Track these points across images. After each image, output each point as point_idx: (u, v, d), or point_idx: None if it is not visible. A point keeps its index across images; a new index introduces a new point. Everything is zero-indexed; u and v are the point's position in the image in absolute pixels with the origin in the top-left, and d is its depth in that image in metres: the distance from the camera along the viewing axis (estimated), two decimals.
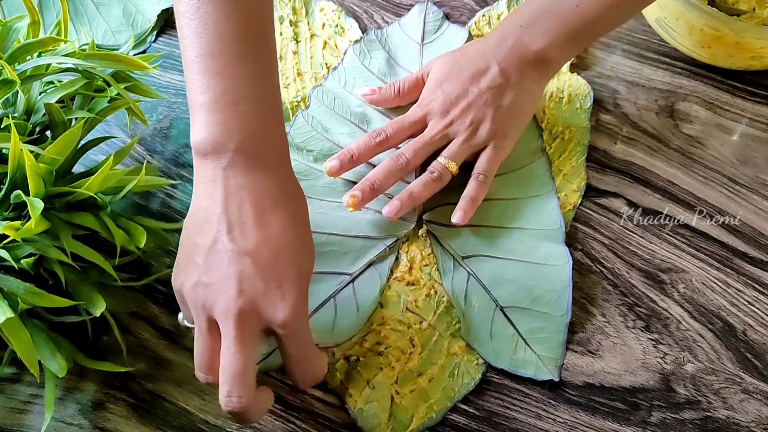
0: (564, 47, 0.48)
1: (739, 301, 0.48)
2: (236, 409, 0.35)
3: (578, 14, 0.46)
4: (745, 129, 0.54)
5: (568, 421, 0.45)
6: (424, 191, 0.48)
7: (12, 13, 0.60)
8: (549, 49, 0.47)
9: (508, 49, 0.48)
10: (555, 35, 0.47)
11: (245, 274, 0.35)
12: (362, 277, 0.49)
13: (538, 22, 0.48)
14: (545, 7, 0.48)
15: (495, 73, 0.48)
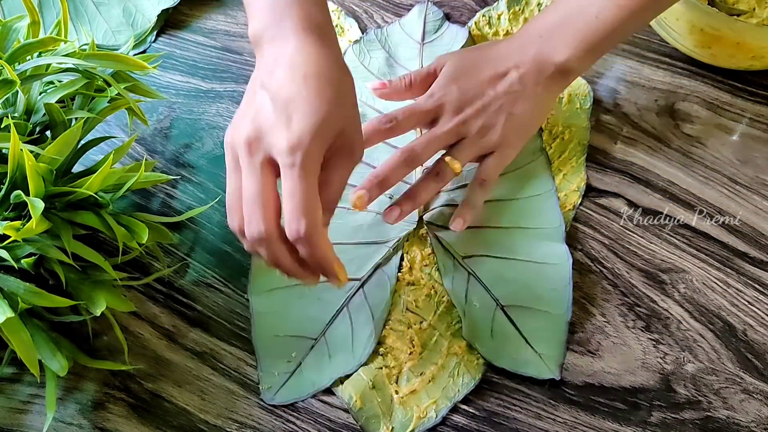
0: (584, 58, 0.47)
1: (739, 301, 0.48)
2: (255, 235, 0.37)
3: (598, 25, 0.46)
4: (745, 129, 0.54)
5: (568, 421, 0.45)
6: (424, 194, 0.48)
7: (12, 13, 0.60)
8: (569, 61, 0.47)
9: (530, 58, 0.47)
10: (575, 47, 0.47)
11: (262, 109, 0.37)
12: (371, 281, 0.49)
13: (558, 34, 0.47)
14: (565, 18, 0.47)
15: (514, 80, 0.47)
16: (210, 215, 0.52)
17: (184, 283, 0.50)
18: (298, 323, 0.47)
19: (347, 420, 0.45)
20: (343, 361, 0.46)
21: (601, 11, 0.46)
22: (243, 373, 0.47)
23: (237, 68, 0.58)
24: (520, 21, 0.58)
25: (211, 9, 0.62)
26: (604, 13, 0.46)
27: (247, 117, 0.38)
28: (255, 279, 0.49)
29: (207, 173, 0.54)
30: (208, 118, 0.56)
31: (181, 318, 0.49)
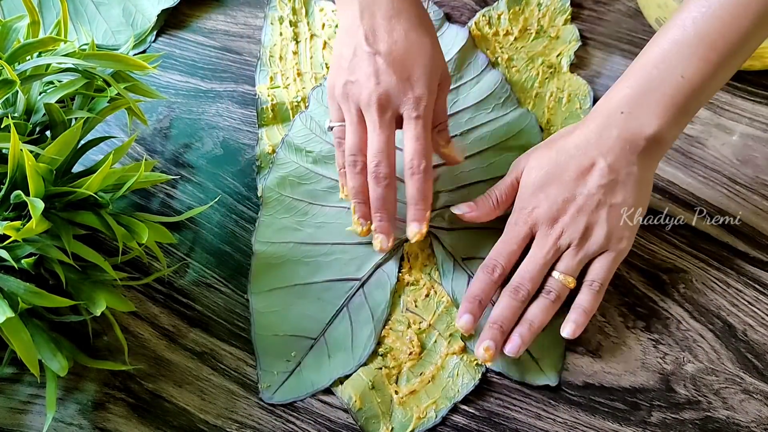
0: (675, 124, 0.43)
1: (739, 301, 0.48)
2: (382, 174, 0.44)
3: (685, 85, 0.41)
4: (745, 129, 0.54)
5: (568, 421, 0.45)
6: (544, 317, 0.45)
7: (12, 13, 0.60)
8: (661, 130, 0.42)
9: (614, 140, 0.43)
10: (665, 114, 0.42)
11: (381, 70, 0.44)
12: (371, 281, 0.49)
13: (642, 105, 0.42)
14: (645, 86, 0.42)
15: (603, 170, 0.43)
16: (210, 215, 0.52)
17: (184, 283, 0.50)
18: (297, 323, 0.47)
19: (347, 420, 0.45)
20: (343, 361, 0.46)
21: (686, 70, 0.41)
22: (243, 373, 0.47)
23: (237, 68, 0.58)
24: (519, 21, 0.58)
25: (211, 9, 0.62)
26: (690, 72, 0.41)
27: (367, 79, 0.44)
28: (255, 278, 0.49)
29: (207, 173, 0.54)
30: (208, 118, 0.56)
31: (181, 318, 0.49)
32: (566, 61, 0.57)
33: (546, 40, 0.58)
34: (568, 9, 0.59)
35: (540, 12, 0.59)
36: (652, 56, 0.42)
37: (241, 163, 0.54)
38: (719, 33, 0.40)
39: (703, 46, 0.40)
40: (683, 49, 0.41)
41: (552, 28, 0.58)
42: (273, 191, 0.51)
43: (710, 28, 0.40)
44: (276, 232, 0.50)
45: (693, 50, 0.41)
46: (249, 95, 0.57)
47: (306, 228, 0.50)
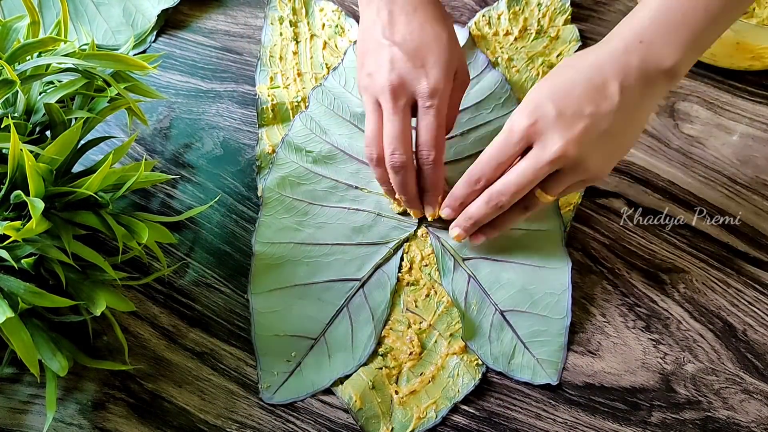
0: (692, 58, 0.41)
1: (739, 301, 0.48)
2: (398, 163, 0.44)
3: (707, 18, 0.40)
4: (745, 129, 0.54)
5: (568, 421, 0.45)
6: (509, 224, 0.46)
7: (12, 13, 0.60)
8: (677, 64, 0.40)
9: (630, 68, 0.41)
10: (684, 48, 0.40)
11: (396, 58, 0.44)
12: (371, 282, 0.49)
13: (662, 36, 0.40)
14: (666, 16, 0.40)
15: (615, 94, 0.41)
16: (210, 215, 0.52)
17: (184, 283, 0.50)
18: (297, 323, 0.47)
19: (347, 420, 0.45)
20: (343, 361, 0.46)
21: (710, 3, 0.39)
22: (243, 373, 0.47)
23: (237, 68, 0.58)
24: (519, 21, 0.58)
25: (211, 9, 0.62)
26: (713, 5, 0.39)
27: (383, 67, 0.44)
28: (255, 279, 0.49)
29: (207, 173, 0.54)
30: (208, 118, 0.56)
31: (181, 318, 0.49)
32: None
33: (546, 40, 0.58)
34: (568, 9, 0.59)
35: (540, 12, 0.59)
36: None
37: (241, 163, 0.54)
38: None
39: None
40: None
41: (552, 28, 0.58)
42: (273, 191, 0.51)
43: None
44: (276, 233, 0.50)
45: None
46: (249, 95, 0.57)
47: (306, 228, 0.50)
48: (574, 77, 0.41)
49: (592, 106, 0.41)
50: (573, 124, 0.40)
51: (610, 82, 0.41)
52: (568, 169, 0.42)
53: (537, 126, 0.41)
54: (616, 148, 0.43)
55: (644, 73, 0.41)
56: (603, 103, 0.41)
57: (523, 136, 0.41)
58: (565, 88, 0.41)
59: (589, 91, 0.41)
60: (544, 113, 0.41)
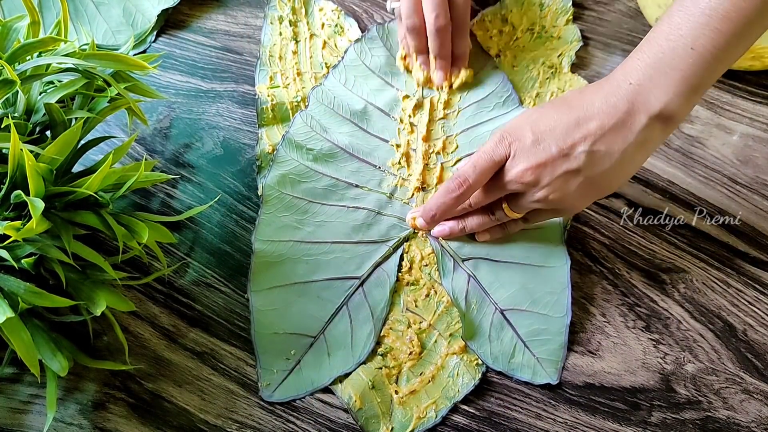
0: (686, 100, 0.40)
1: (739, 301, 0.48)
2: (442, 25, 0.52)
3: (696, 59, 0.39)
4: (745, 129, 0.54)
5: (568, 421, 0.45)
6: (475, 227, 0.49)
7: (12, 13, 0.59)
8: (669, 106, 0.40)
9: (617, 110, 0.41)
10: (674, 90, 0.39)
11: None
12: (371, 280, 0.49)
13: (652, 78, 0.40)
14: (657, 58, 0.40)
15: (597, 136, 0.41)
16: (210, 215, 0.52)
17: (184, 283, 0.50)
18: (297, 321, 0.47)
19: (347, 420, 0.45)
20: (342, 359, 0.46)
21: (696, 41, 0.38)
22: (243, 373, 0.47)
23: (237, 68, 0.58)
24: (521, 21, 0.58)
25: (211, 9, 0.62)
26: (701, 43, 0.38)
27: None
28: (255, 277, 0.49)
29: (207, 173, 0.54)
30: (208, 118, 0.56)
31: (181, 318, 0.49)
32: (567, 61, 0.57)
33: (547, 40, 0.58)
34: (569, 9, 0.59)
35: (542, 12, 0.59)
36: (664, 28, 0.40)
37: (241, 162, 0.54)
38: (732, 3, 0.37)
39: (715, 16, 0.38)
40: (695, 20, 0.38)
41: (554, 29, 0.58)
42: (273, 189, 0.51)
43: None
44: (276, 231, 0.50)
45: (705, 21, 0.38)
46: (249, 95, 0.57)
47: (306, 226, 0.50)
48: (561, 107, 0.42)
49: (566, 143, 0.41)
50: (541, 154, 0.42)
51: (592, 120, 0.41)
52: (530, 194, 0.44)
53: (511, 148, 0.43)
54: (588, 190, 0.43)
55: (630, 116, 0.40)
56: (580, 144, 0.41)
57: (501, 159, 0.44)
58: (550, 117, 0.42)
59: (573, 124, 0.41)
60: (521, 136, 0.43)
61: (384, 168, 0.52)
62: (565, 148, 0.41)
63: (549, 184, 0.42)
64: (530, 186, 0.43)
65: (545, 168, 0.42)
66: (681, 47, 0.39)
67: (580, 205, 0.45)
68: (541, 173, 0.42)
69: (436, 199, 0.46)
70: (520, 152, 0.43)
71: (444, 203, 0.46)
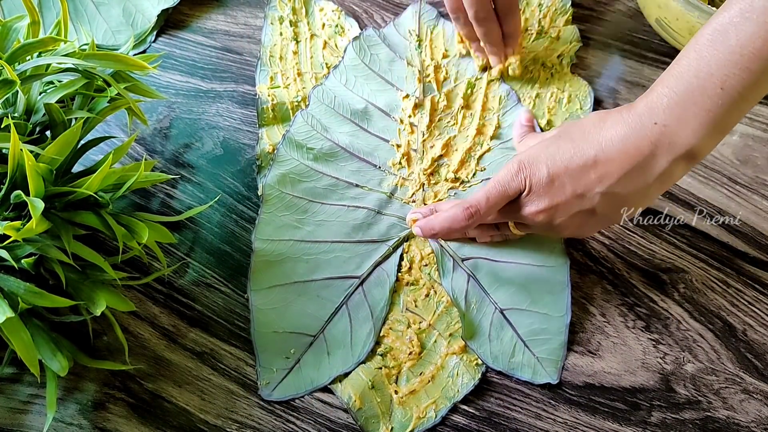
0: (711, 140, 0.38)
1: (739, 301, 0.48)
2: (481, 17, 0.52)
3: (724, 98, 0.37)
4: (745, 129, 0.54)
5: (568, 421, 0.45)
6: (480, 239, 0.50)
7: (12, 13, 0.60)
8: (694, 148, 0.38)
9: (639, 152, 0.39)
10: (701, 131, 0.38)
11: None
12: (370, 279, 0.49)
13: (680, 119, 0.38)
14: (685, 97, 0.38)
15: (612, 179, 0.40)
16: (210, 215, 0.52)
17: (184, 283, 0.50)
18: (297, 320, 0.47)
19: (347, 420, 0.45)
20: (342, 358, 0.46)
21: (726, 80, 0.37)
22: (243, 373, 0.47)
23: (237, 68, 0.58)
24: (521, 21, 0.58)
25: (211, 9, 0.62)
26: (730, 82, 0.36)
27: None
28: (254, 275, 0.49)
29: (207, 173, 0.54)
30: (208, 118, 0.56)
31: (181, 318, 0.49)
32: (567, 61, 0.57)
33: (547, 40, 0.58)
34: (569, 10, 0.59)
35: (541, 12, 0.59)
36: (693, 64, 0.38)
37: (241, 163, 0.54)
38: (764, 40, 0.35)
39: (747, 55, 0.36)
40: (725, 57, 0.36)
41: (553, 29, 0.58)
42: (273, 189, 0.51)
43: (754, 35, 0.36)
44: (276, 230, 0.50)
45: (736, 59, 0.36)
46: (249, 95, 0.57)
47: (306, 226, 0.50)
48: (580, 143, 0.41)
49: (581, 186, 0.41)
50: (556, 194, 0.42)
51: (612, 161, 0.40)
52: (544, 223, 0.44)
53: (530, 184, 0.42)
54: (602, 221, 0.43)
55: (653, 158, 0.39)
56: (596, 185, 0.40)
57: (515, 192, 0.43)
58: (565, 158, 0.41)
59: (585, 168, 0.40)
60: (538, 171, 0.42)
61: (384, 168, 0.52)
62: (580, 190, 0.41)
63: (561, 223, 0.43)
64: (542, 223, 0.44)
65: (559, 209, 0.42)
66: (710, 87, 0.37)
67: (587, 234, 0.46)
68: (555, 213, 0.42)
69: (441, 222, 0.45)
70: (535, 190, 0.42)
71: (450, 228, 0.45)
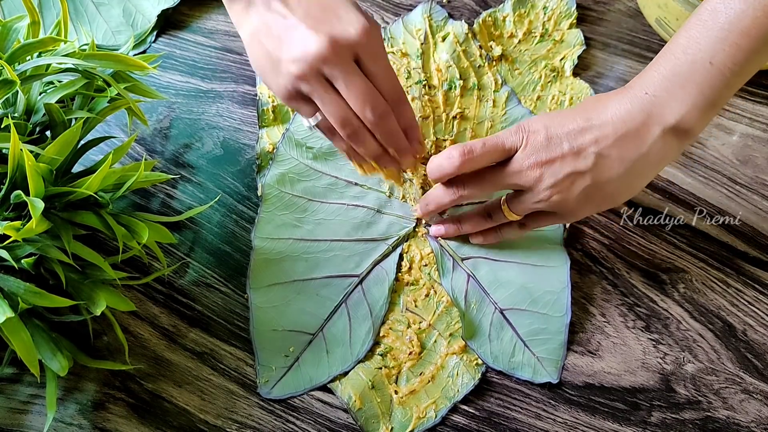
0: (702, 114, 0.40)
1: (739, 301, 0.48)
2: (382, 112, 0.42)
3: (713, 72, 0.38)
4: (745, 129, 0.54)
5: (568, 421, 0.45)
6: (470, 228, 0.48)
7: (12, 13, 0.60)
8: (685, 119, 0.39)
9: (630, 118, 0.40)
10: (691, 102, 0.39)
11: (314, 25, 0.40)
12: (370, 278, 0.49)
13: (668, 90, 0.40)
14: (674, 71, 0.39)
15: (608, 140, 0.41)
16: (210, 215, 0.52)
17: (184, 283, 0.50)
18: (296, 318, 0.48)
19: (347, 420, 0.45)
20: (341, 357, 0.46)
21: (715, 56, 0.38)
22: (243, 373, 0.47)
23: (237, 68, 0.58)
24: (524, 23, 0.58)
25: (211, 9, 0.62)
26: (719, 58, 0.38)
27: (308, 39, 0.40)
28: (254, 274, 0.49)
29: (207, 173, 0.54)
30: (208, 118, 0.56)
31: (181, 318, 0.49)
32: (569, 64, 0.57)
33: (550, 43, 0.58)
34: (573, 13, 0.58)
35: (545, 15, 0.58)
36: (682, 41, 0.40)
37: (241, 163, 0.54)
38: (752, 18, 0.37)
39: (735, 31, 0.37)
40: (713, 34, 0.38)
41: (557, 32, 0.58)
42: (273, 188, 0.51)
43: (743, 13, 0.37)
44: (275, 229, 0.50)
45: (724, 36, 0.38)
46: (249, 95, 0.57)
47: (305, 224, 0.50)
48: (577, 110, 0.42)
49: (576, 143, 0.41)
50: (549, 151, 0.41)
51: (607, 125, 0.41)
52: (533, 191, 0.43)
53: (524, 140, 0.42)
54: (594, 196, 0.42)
55: (644, 126, 0.40)
56: (590, 145, 0.41)
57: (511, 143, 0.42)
58: (562, 121, 0.42)
59: (582, 129, 0.41)
60: (534, 129, 0.42)
61: None
62: (576, 147, 0.41)
63: (554, 184, 0.42)
64: (535, 182, 0.42)
65: (553, 165, 0.41)
66: (699, 61, 0.39)
67: (580, 212, 0.44)
68: (548, 170, 0.42)
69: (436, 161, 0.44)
70: (531, 146, 0.42)
71: (442, 166, 0.43)
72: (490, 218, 0.47)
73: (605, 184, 0.41)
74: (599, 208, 0.44)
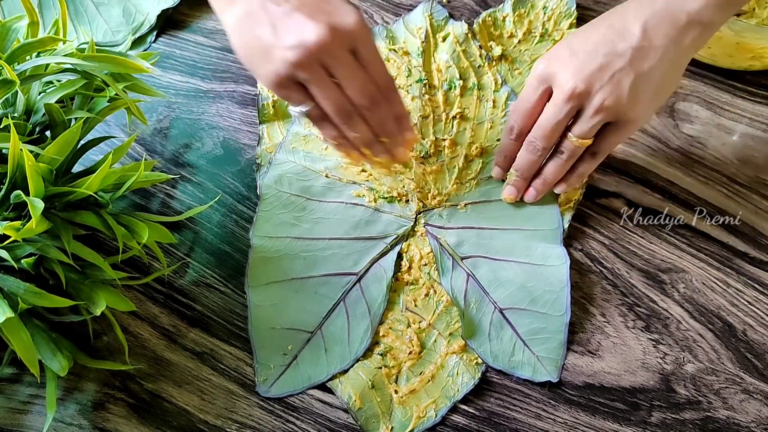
0: (720, 8, 0.41)
1: (739, 301, 0.48)
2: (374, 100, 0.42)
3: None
4: (745, 129, 0.54)
5: (568, 421, 0.45)
6: (556, 175, 0.49)
7: (12, 13, 0.60)
8: (704, 11, 0.41)
9: (655, 10, 0.42)
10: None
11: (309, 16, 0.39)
12: (368, 276, 0.49)
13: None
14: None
15: (636, 34, 0.42)
16: (210, 215, 0.52)
17: (184, 283, 0.50)
18: (294, 316, 0.48)
19: (347, 420, 0.45)
20: (340, 355, 0.46)
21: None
22: (242, 373, 0.47)
23: (237, 68, 0.58)
24: (524, 23, 0.58)
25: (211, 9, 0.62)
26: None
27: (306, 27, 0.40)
28: (252, 272, 0.49)
29: (207, 173, 0.54)
30: (208, 118, 0.56)
31: (181, 318, 0.49)
32: None
33: (550, 43, 0.58)
34: (573, 13, 0.58)
35: (545, 15, 0.58)
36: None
37: (241, 163, 0.54)
38: None
39: None
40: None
41: (557, 32, 0.58)
42: (271, 188, 0.51)
43: None
44: (274, 227, 0.50)
45: None
46: (249, 95, 0.57)
47: (303, 223, 0.50)
48: (597, 23, 0.44)
49: (607, 47, 0.42)
50: (585, 63, 0.42)
51: (631, 23, 0.42)
52: (587, 107, 0.43)
53: (551, 68, 0.44)
54: (643, 88, 0.43)
55: (670, 15, 0.41)
56: (620, 42, 0.42)
57: (541, 79, 0.44)
58: (585, 34, 0.44)
59: (607, 34, 0.43)
60: (558, 56, 0.44)
61: None
62: (609, 50, 0.42)
63: (602, 89, 0.42)
64: (584, 97, 0.43)
65: (594, 73, 0.42)
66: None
67: (638, 111, 0.44)
68: (592, 79, 0.43)
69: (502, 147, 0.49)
70: (562, 68, 0.43)
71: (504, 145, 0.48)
72: (567, 156, 0.47)
73: (648, 74, 0.42)
74: (653, 104, 0.45)
